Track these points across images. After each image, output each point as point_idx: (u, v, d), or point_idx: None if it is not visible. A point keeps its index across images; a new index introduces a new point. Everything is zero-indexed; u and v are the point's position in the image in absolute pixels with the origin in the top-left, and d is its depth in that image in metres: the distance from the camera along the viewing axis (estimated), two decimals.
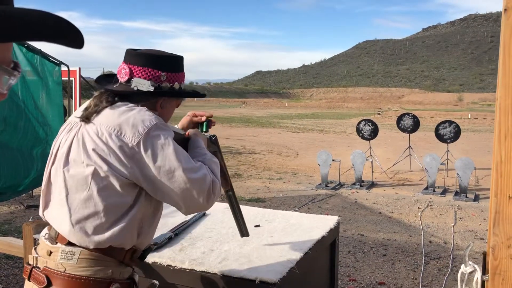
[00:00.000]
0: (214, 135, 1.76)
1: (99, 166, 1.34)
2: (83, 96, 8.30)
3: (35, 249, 1.48)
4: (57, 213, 1.41)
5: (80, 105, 7.24)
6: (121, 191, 1.37)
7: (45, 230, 1.48)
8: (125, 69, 1.48)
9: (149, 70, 1.47)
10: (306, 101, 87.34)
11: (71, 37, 0.60)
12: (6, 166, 5.12)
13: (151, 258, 1.87)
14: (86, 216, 1.36)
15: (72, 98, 7.58)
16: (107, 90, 1.47)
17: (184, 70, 1.61)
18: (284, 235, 2.26)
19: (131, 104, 1.44)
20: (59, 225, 1.40)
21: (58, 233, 1.40)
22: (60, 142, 1.46)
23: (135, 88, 1.47)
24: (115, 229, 1.37)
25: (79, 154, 1.37)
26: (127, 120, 1.37)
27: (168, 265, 1.87)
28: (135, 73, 1.47)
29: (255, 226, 2.40)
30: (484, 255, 1.51)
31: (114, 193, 1.36)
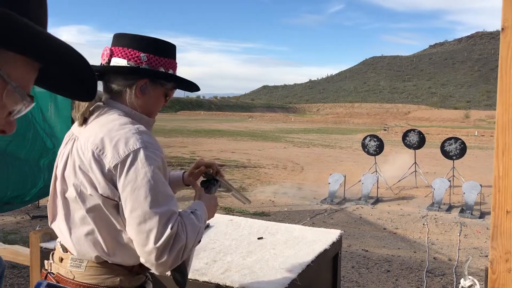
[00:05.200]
0: (216, 181, 1.68)
1: (84, 185, 1.32)
2: None
3: (52, 255, 1.51)
4: (62, 228, 1.43)
5: None
6: (110, 211, 1.32)
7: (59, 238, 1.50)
8: (106, 51, 1.43)
9: (129, 50, 1.41)
10: (312, 116, 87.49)
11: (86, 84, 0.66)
12: (13, 176, 5.18)
13: None
14: (85, 234, 1.36)
15: None
16: None
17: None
18: (286, 247, 2.28)
19: (125, 118, 1.37)
20: (64, 239, 1.42)
21: None
22: (59, 156, 1.46)
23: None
24: (116, 249, 1.36)
25: (71, 172, 1.36)
26: (111, 137, 1.31)
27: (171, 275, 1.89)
28: (114, 54, 1.42)
29: (258, 238, 2.43)
30: (487, 270, 1.53)
31: (104, 213, 1.32)
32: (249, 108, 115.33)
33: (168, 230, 1.24)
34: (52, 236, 2.30)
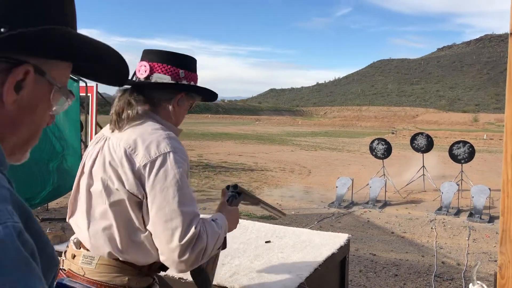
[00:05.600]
0: (238, 193, 1.74)
1: (111, 180, 1.39)
2: (100, 112, 8.45)
3: (64, 252, 1.55)
4: (80, 222, 1.48)
5: (96, 121, 7.26)
6: (132, 208, 1.38)
7: (74, 235, 1.54)
8: (145, 66, 1.52)
9: (169, 66, 1.52)
10: (320, 119, 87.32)
11: (122, 75, 0.72)
12: (22, 179, 5.22)
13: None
14: (102, 228, 1.41)
15: (89, 114, 7.72)
16: (130, 84, 1.52)
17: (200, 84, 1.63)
18: (294, 251, 2.28)
19: (157, 125, 1.47)
20: (80, 232, 1.48)
21: None
22: (88, 154, 1.53)
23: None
24: (130, 247, 1.40)
25: (99, 167, 1.43)
26: (144, 139, 1.40)
27: (179, 277, 1.90)
28: (155, 70, 1.52)
29: (266, 242, 2.43)
30: (496, 275, 1.52)
31: (126, 209, 1.38)
32: (256, 111, 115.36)
33: (192, 229, 1.32)
34: (62, 239, 2.32)
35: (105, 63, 0.70)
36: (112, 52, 0.69)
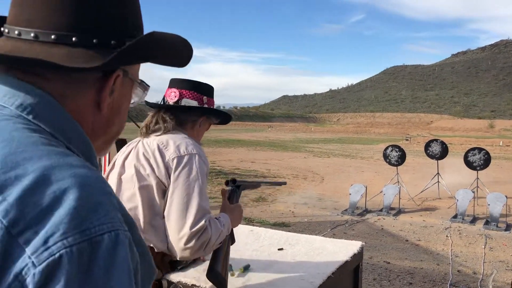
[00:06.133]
0: (237, 187, 1.95)
1: (143, 167, 1.63)
2: None
3: None
4: None
5: None
6: (158, 193, 1.60)
7: None
8: (175, 92, 1.79)
9: (195, 93, 1.80)
10: (333, 125, 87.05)
11: (188, 57, 0.75)
12: None
13: (176, 277, 1.92)
14: (128, 209, 1.53)
15: None
16: (163, 106, 1.78)
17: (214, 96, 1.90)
18: (307, 258, 2.27)
19: (185, 135, 1.74)
20: None
21: None
22: (119, 154, 1.80)
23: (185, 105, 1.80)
24: (149, 229, 1.60)
25: (133, 158, 1.69)
26: (175, 140, 1.68)
27: (192, 284, 1.90)
28: (183, 95, 1.79)
29: (278, 249, 2.43)
30: None
31: (152, 194, 1.60)
32: (269, 117, 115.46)
33: (202, 222, 1.54)
34: None
35: (179, 56, 0.73)
36: (182, 42, 0.72)
